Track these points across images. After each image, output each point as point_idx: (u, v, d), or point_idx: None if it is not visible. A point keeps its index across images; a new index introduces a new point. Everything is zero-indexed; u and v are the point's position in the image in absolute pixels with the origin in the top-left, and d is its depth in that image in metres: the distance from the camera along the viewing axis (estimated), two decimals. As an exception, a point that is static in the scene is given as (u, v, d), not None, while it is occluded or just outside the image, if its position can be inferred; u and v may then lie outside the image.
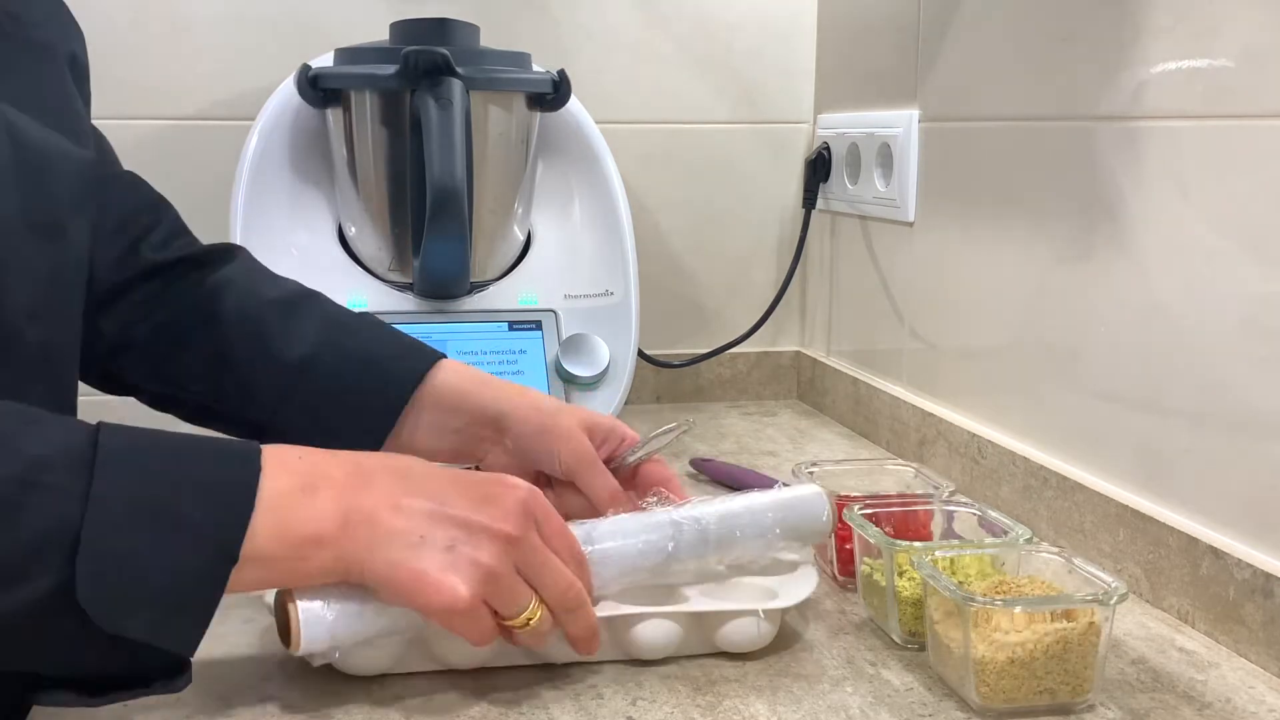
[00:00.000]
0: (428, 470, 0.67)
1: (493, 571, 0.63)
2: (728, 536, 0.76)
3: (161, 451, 0.60)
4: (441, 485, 0.66)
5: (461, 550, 0.63)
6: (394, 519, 0.63)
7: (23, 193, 0.66)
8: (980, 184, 1.08)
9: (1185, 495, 0.83)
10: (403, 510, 0.64)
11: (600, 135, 1.21)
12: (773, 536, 0.78)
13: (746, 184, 1.45)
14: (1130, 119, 0.87)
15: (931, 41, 1.15)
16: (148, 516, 0.57)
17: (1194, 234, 0.82)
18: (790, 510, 0.79)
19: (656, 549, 0.74)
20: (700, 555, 0.76)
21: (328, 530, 0.62)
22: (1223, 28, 0.79)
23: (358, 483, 0.64)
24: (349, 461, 0.65)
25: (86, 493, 0.55)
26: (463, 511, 0.64)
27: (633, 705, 0.69)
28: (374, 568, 0.63)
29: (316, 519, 0.62)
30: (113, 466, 0.57)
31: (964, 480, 1.07)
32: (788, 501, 0.79)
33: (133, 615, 0.56)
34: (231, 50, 1.30)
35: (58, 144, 0.70)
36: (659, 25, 1.40)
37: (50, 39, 0.74)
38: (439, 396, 0.83)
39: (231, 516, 0.59)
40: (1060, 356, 0.96)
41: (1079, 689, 0.68)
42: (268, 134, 1.13)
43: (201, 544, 0.58)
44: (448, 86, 1.01)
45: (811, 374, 1.44)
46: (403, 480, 0.65)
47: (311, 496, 0.62)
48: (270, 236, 1.10)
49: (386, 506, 0.63)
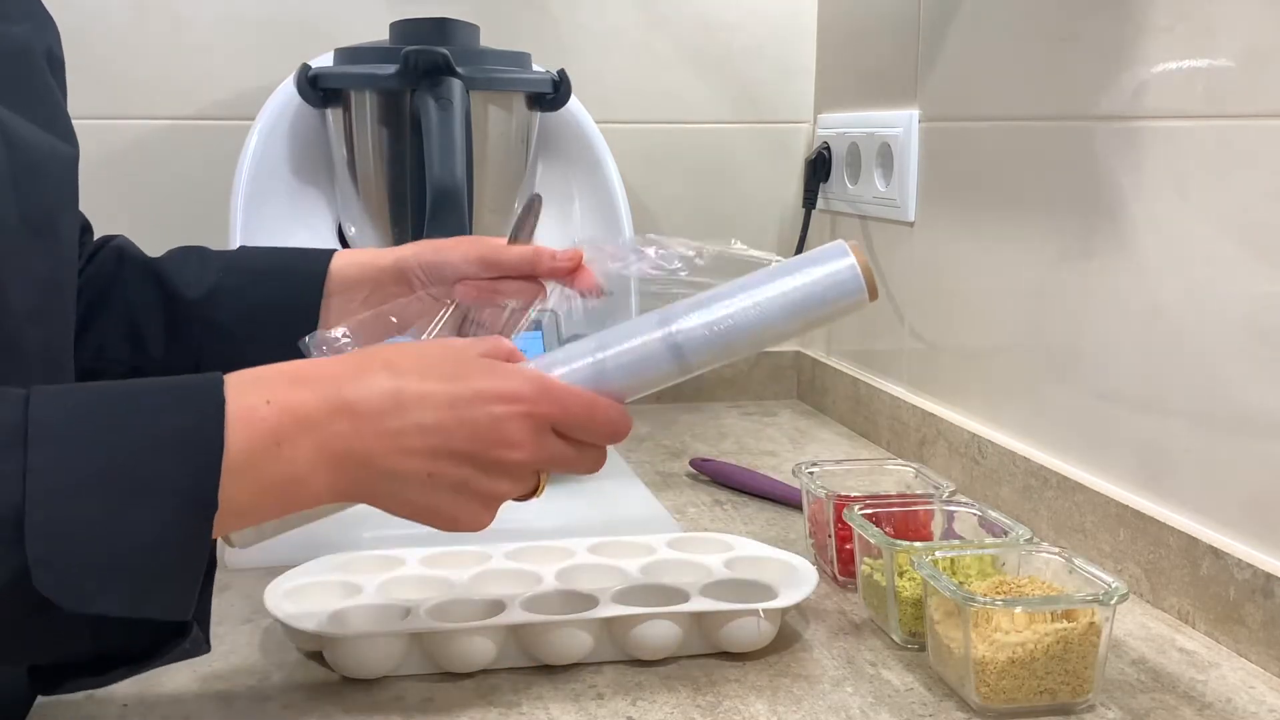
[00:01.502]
0: (421, 387, 0.60)
1: (505, 492, 0.62)
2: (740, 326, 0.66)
3: (105, 409, 0.53)
4: (437, 411, 0.59)
5: (476, 486, 0.60)
6: (394, 461, 0.58)
7: (19, 194, 0.65)
8: (980, 184, 1.08)
9: (1186, 495, 0.83)
10: (402, 449, 0.58)
11: (600, 135, 1.21)
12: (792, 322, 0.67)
13: (746, 184, 1.45)
14: (1130, 119, 0.87)
15: (931, 41, 1.15)
16: (101, 483, 0.51)
17: (1194, 234, 0.82)
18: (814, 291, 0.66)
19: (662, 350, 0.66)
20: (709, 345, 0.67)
21: (310, 477, 0.57)
22: (1223, 28, 0.79)
23: (341, 421, 0.58)
24: (327, 389, 0.58)
25: (23, 470, 0.50)
26: (468, 445, 0.60)
27: (633, 705, 0.69)
28: (383, 504, 0.60)
29: (296, 473, 0.56)
30: (50, 436, 0.51)
31: (964, 480, 1.07)
32: (810, 286, 0.66)
33: (105, 591, 0.51)
34: (231, 50, 1.30)
35: (48, 143, 0.70)
36: (659, 25, 1.40)
37: (28, 35, 0.74)
38: (340, 281, 0.85)
39: (200, 463, 0.53)
40: (1060, 356, 0.96)
41: (1079, 689, 0.68)
42: (268, 134, 1.13)
43: (171, 500, 0.52)
44: (448, 86, 1.01)
45: (811, 374, 1.44)
46: (395, 409, 0.59)
47: (288, 448, 0.56)
48: (270, 236, 1.10)
49: (383, 447, 0.58)
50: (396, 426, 0.58)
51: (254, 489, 0.55)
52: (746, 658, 0.75)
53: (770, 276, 0.67)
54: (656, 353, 0.66)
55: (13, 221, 0.65)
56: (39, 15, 0.77)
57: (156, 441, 0.53)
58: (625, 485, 1.08)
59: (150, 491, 0.52)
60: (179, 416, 0.54)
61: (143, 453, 0.52)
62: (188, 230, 0.98)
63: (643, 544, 0.86)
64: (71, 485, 0.51)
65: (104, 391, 0.55)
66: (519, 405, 0.61)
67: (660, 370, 0.67)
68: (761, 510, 1.05)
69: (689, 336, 0.66)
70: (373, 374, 0.60)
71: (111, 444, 0.52)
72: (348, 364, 0.61)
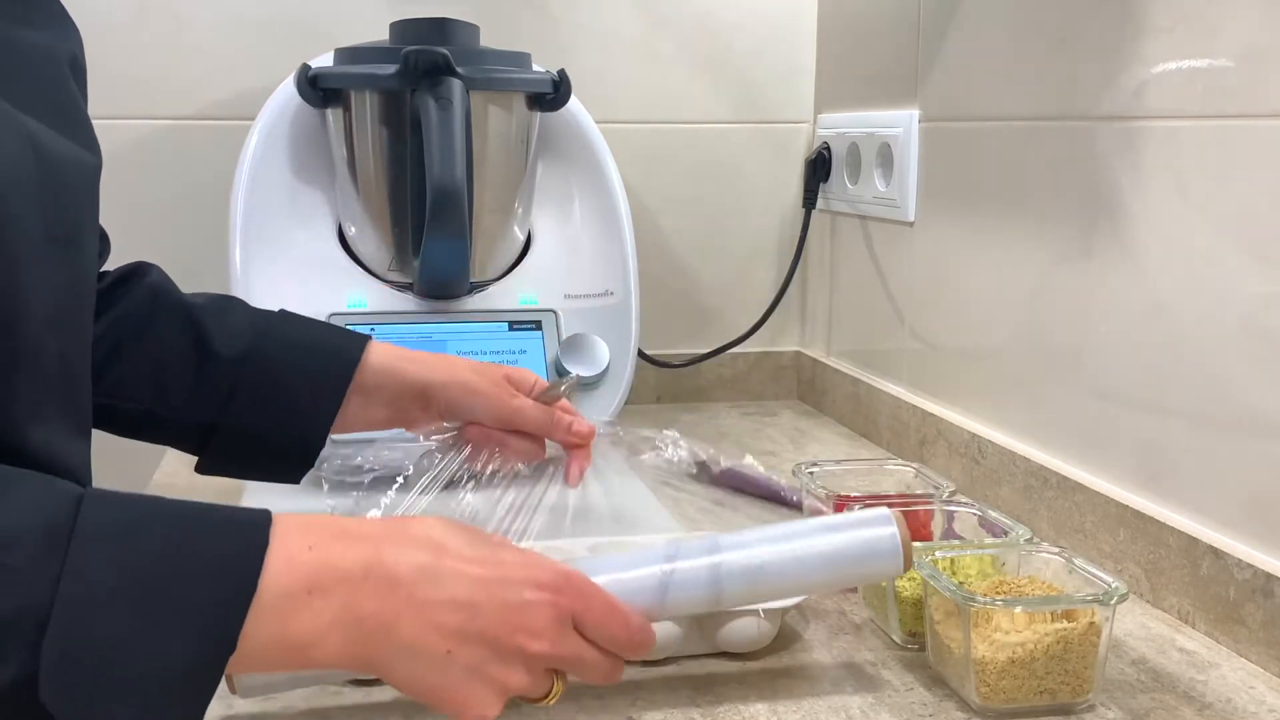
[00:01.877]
0: (458, 564, 0.59)
1: (517, 684, 0.60)
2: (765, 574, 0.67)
3: (153, 524, 0.53)
4: (471, 588, 0.59)
5: (490, 671, 0.58)
6: (418, 632, 0.57)
7: (44, 205, 0.65)
8: (980, 184, 1.08)
9: (1186, 495, 0.83)
10: (428, 622, 0.57)
11: (600, 135, 1.21)
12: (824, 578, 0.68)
13: (746, 184, 1.45)
14: (1130, 119, 0.87)
15: (931, 41, 1.15)
16: (132, 599, 0.50)
17: (1194, 234, 0.82)
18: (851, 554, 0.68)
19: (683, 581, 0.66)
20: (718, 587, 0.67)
21: (330, 640, 0.55)
22: (1223, 28, 0.79)
23: (375, 582, 0.57)
24: (367, 548, 0.58)
25: (59, 574, 0.49)
26: (493, 627, 0.59)
27: (633, 705, 0.69)
28: (393, 677, 0.58)
29: (317, 626, 0.55)
30: (94, 543, 0.51)
31: (964, 480, 1.07)
32: (848, 546, 0.68)
33: (112, 705, 0.50)
34: (231, 50, 1.30)
35: (74, 153, 0.70)
36: (659, 25, 1.40)
37: (54, 42, 0.74)
38: (371, 376, 0.86)
39: (230, 602, 0.53)
40: (1060, 356, 0.96)
41: (1079, 689, 0.68)
42: (268, 134, 1.13)
43: (196, 631, 0.52)
44: (448, 86, 1.01)
45: (811, 374, 1.44)
46: (430, 580, 0.58)
47: (318, 599, 0.55)
48: (270, 236, 1.10)
49: (410, 617, 0.57)
50: (426, 597, 0.58)
51: (276, 632, 0.54)
52: (746, 658, 0.75)
53: (815, 531, 0.68)
54: (685, 580, 0.66)
55: (38, 231, 0.65)
56: (63, 22, 0.77)
57: (193, 569, 0.53)
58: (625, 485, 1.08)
59: (179, 613, 0.51)
60: (221, 544, 0.54)
61: (178, 577, 0.52)
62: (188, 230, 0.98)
63: (643, 544, 0.86)
64: (102, 597, 0.50)
65: (152, 509, 0.55)
66: (546, 593, 0.60)
67: (689, 599, 0.66)
68: (761, 510, 1.05)
69: (729, 572, 0.66)
70: (414, 543, 0.60)
71: (151, 562, 0.52)
72: (391, 527, 0.61)
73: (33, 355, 0.65)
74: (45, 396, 0.66)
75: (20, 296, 0.63)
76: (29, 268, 0.64)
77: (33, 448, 0.65)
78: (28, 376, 0.64)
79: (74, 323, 0.70)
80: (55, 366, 0.67)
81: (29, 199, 0.64)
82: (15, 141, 0.63)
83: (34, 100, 0.68)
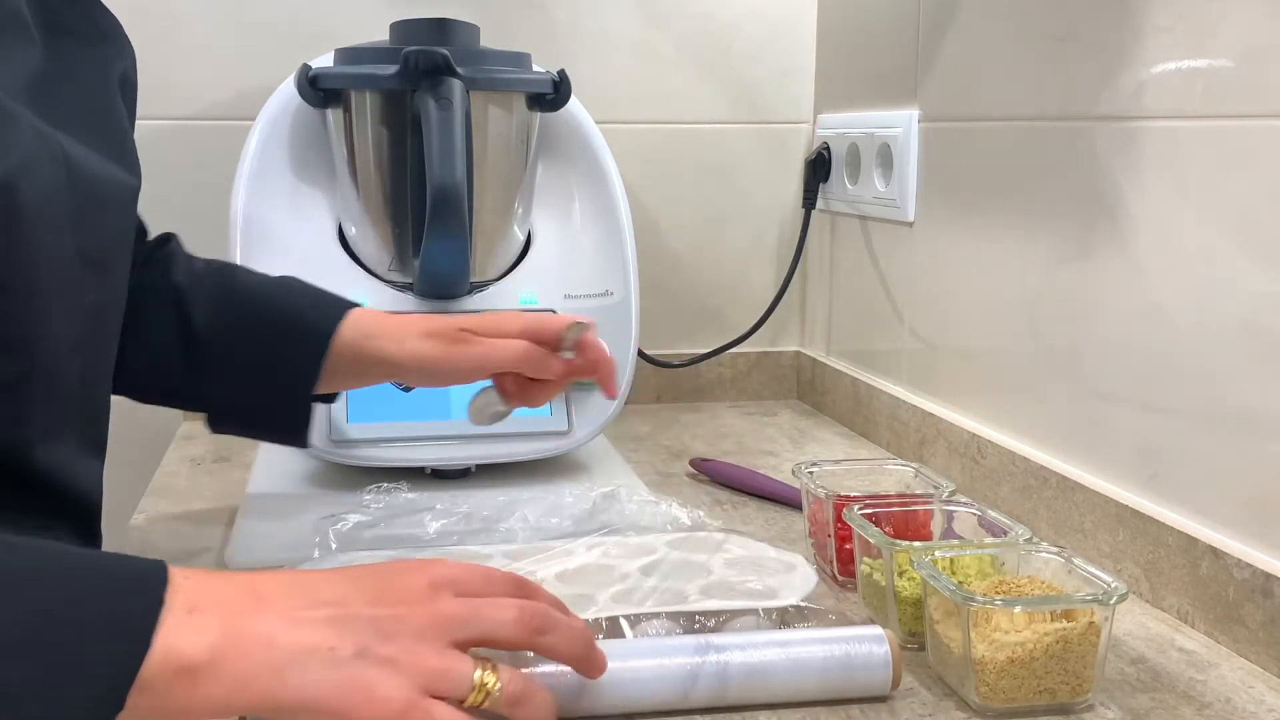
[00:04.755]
0: (326, 575, 0.60)
1: (415, 661, 0.56)
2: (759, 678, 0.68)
3: (53, 574, 0.52)
4: (339, 587, 0.58)
5: (375, 651, 0.55)
6: (295, 634, 0.55)
7: (78, 230, 0.65)
8: (980, 184, 1.08)
9: (1185, 495, 0.83)
10: (302, 623, 0.56)
11: (600, 135, 1.21)
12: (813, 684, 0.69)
13: (746, 184, 1.45)
14: (1130, 119, 0.87)
15: (931, 41, 1.16)
16: (29, 647, 0.49)
17: (1193, 234, 0.82)
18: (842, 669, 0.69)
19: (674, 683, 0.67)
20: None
21: (201, 656, 0.53)
22: (1223, 28, 0.79)
23: (247, 599, 0.56)
24: (241, 581, 0.58)
25: None
26: (366, 608, 0.57)
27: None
28: (285, 697, 0.54)
29: (193, 642, 0.53)
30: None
31: (964, 480, 1.07)
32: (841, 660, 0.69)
33: None
34: (231, 50, 1.30)
35: (112, 175, 0.69)
36: (659, 25, 1.40)
37: (105, 59, 0.73)
38: (336, 359, 0.90)
39: (124, 657, 0.51)
40: (1060, 356, 0.96)
41: (1079, 689, 0.68)
42: (268, 134, 1.13)
43: (88, 684, 0.50)
44: (448, 86, 1.01)
45: (811, 374, 1.45)
46: (300, 592, 0.58)
47: (196, 615, 0.54)
48: (270, 236, 1.10)
49: (284, 623, 0.55)
50: (294, 604, 0.57)
51: (160, 655, 0.52)
52: (746, 657, 0.75)
53: (808, 641, 0.69)
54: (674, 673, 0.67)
55: (69, 255, 0.65)
56: (116, 37, 0.76)
57: (92, 617, 0.51)
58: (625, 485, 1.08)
59: (71, 666, 0.50)
60: (118, 602, 0.53)
61: (80, 624, 0.51)
62: (188, 230, 0.98)
63: (643, 544, 0.86)
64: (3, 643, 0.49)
65: (58, 555, 0.54)
66: (415, 567, 0.60)
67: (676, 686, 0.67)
68: (761, 510, 1.05)
69: (720, 669, 0.67)
70: (287, 574, 0.61)
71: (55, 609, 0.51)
72: (275, 572, 0.61)
73: (51, 376, 0.64)
74: (61, 416, 0.65)
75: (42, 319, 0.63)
76: (57, 290, 0.64)
77: (40, 468, 0.65)
78: (43, 397, 0.64)
79: (97, 341, 0.70)
80: (75, 386, 0.67)
81: (61, 222, 0.63)
82: (49, 165, 0.63)
83: (76, 120, 0.67)
